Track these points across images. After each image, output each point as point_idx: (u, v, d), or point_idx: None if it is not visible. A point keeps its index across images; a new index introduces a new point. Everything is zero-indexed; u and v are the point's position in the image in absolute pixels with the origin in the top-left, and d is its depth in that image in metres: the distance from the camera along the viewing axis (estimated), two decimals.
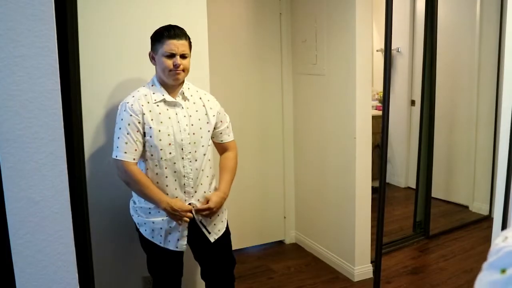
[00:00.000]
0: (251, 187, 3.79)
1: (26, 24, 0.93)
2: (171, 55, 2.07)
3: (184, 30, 2.12)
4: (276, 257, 3.76)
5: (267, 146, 3.83)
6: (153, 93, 2.13)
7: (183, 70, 2.11)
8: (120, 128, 2.08)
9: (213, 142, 2.33)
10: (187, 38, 2.12)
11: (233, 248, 2.42)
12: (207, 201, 2.18)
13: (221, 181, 2.29)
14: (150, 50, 2.15)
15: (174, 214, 2.10)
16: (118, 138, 2.08)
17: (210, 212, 2.18)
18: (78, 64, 2.08)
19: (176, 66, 2.07)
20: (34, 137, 0.96)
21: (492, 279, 0.67)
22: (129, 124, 2.07)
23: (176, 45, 2.06)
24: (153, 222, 2.17)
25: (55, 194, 1.00)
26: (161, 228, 2.16)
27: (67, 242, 1.04)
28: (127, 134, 2.06)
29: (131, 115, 2.07)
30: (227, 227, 2.36)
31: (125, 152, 2.07)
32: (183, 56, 2.09)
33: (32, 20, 0.93)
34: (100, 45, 2.34)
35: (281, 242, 4.03)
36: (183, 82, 2.18)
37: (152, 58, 2.14)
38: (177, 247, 2.19)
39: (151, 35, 2.13)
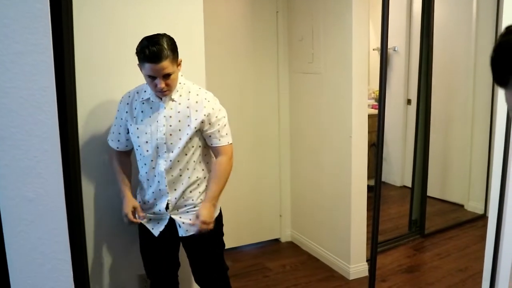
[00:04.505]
0: (247, 186, 3.79)
1: (21, 22, 0.92)
2: (153, 77, 2.00)
3: (167, 46, 1.97)
4: (272, 256, 3.76)
5: (263, 145, 3.83)
6: (144, 91, 2.14)
7: (168, 89, 2.05)
8: (114, 119, 2.26)
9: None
10: (169, 55, 1.97)
11: (229, 246, 2.42)
12: (197, 217, 2.16)
13: (208, 189, 2.22)
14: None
15: (124, 215, 2.22)
16: (111, 127, 2.28)
17: (207, 225, 2.16)
18: (73, 61, 2.07)
19: (159, 89, 2.02)
20: (28, 134, 0.96)
21: None
22: (116, 118, 2.24)
23: (155, 69, 1.96)
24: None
25: (49, 192, 1.00)
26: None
27: (62, 240, 1.04)
28: (115, 125, 2.25)
29: (118, 110, 2.22)
30: (216, 236, 2.32)
31: (112, 140, 2.27)
32: (166, 76, 2.00)
33: (27, 18, 0.93)
34: (95, 43, 2.32)
35: (276, 241, 4.03)
36: None
37: (141, 69, 2.06)
38: (152, 228, 2.25)
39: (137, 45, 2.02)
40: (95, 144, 2.38)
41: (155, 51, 1.94)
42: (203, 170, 2.23)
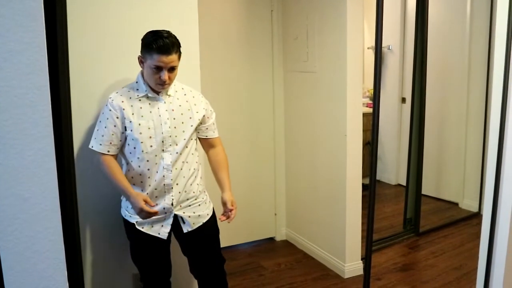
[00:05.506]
0: (241, 184, 3.78)
1: (15, 20, 0.92)
2: (159, 68, 2.04)
3: (175, 40, 2.04)
4: (267, 254, 3.77)
5: (258, 144, 3.83)
6: (137, 89, 2.15)
7: (169, 83, 2.10)
8: (100, 121, 2.15)
9: (198, 138, 2.33)
10: (177, 49, 2.05)
11: (224, 245, 2.43)
12: (224, 204, 2.33)
13: (223, 178, 2.36)
14: (140, 52, 2.09)
15: (140, 211, 2.10)
16: (97, 130, 2.15)
17: (236, 210, 2.35)
18: (67, 60, 2.06)
19: (162, 81, 2.06)
20: (23, 133, 0.95)
21: None
22: (107, 118, 2.12)
23: (164, 61, 2.01)
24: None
25: (44, 191, 0.99)
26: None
27: (56, 239, 1.03)
28: (105, 127, 2.12)
29: (110, 110, 2.12)
30: (216, 225, 2.38)
31: (100, 144, 2.13)
32: (171, 69, 2.06)
33: (21, 16, 0.92)
34: (90, 42, 2.31)
35: (271, 239, 4.04)
36: None
37: (141, 62, 2.10)
38: (159, 233, 2.21)
39: (142, 36, 2.06)
40: (89, 142, 2.37)
41: (168, 43, 2.00)
42: (196, 162, 2.29)
